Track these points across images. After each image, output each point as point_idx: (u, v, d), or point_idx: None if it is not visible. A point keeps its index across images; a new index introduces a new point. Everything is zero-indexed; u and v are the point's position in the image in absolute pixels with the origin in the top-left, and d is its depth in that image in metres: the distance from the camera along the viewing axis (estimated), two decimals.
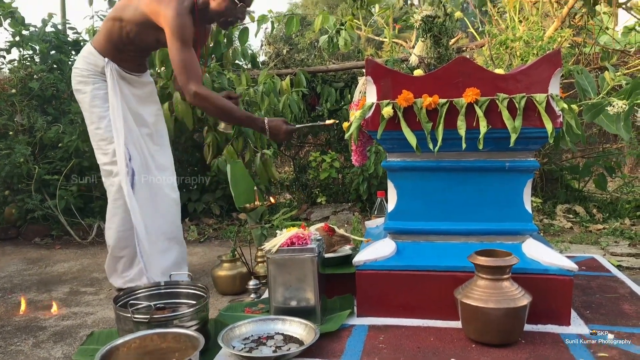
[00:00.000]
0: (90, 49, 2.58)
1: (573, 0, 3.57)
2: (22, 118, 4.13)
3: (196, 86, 2.35)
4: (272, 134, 2.45)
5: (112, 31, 2.51)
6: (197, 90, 2.35)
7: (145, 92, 2.74)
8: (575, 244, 3.40)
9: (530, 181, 2.04)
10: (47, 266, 3.37)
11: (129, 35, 2.50)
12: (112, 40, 2.53)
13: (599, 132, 4.63)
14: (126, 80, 2.61)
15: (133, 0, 2.50)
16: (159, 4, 2.38)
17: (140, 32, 2.49)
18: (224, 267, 2.68)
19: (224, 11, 2.47)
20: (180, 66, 2.35)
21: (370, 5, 4.76)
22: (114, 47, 2.54)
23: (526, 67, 1.93)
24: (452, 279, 1.94)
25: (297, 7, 30.73)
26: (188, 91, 2.36)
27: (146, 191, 2.62)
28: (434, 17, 2.16)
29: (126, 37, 2.51)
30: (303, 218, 4.49)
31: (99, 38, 2.57)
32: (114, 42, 2.53)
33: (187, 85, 2.35)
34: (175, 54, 2.35)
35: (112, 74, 2.53)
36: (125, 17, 2.48)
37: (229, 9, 2.47)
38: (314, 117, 5.00)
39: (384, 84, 1.98)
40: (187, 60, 2.35)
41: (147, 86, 2.75)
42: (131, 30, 2.49)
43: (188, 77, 2.35)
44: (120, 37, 2.52)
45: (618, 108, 2.43)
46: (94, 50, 2.56)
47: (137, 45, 2.56)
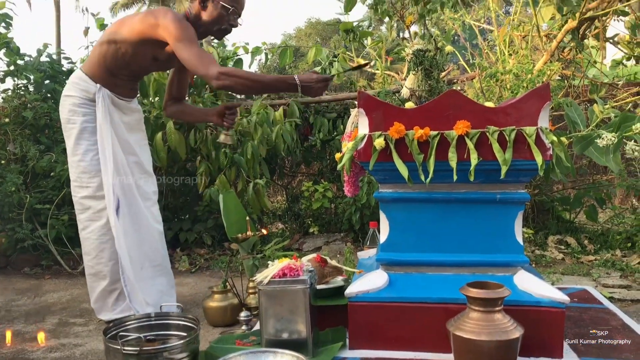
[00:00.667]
0: (80, 75, 2.55)
1: (562, 34, 3.64)
2: (14, 147, 4.13)
3: (218, 67, 2.28)
4: (304, 88, 2.34)
5: (107, 55, 2.50)
6: (221, 70, 2.27)
7: (134, 119, 2.73)
8: (567, 275, 3.40)
9: (521, 213, 2.05)
10: (36, 296, 3.34)
11: (125, 57, 2.49)
12: (106, 65, 2.52)
13: (589, 164, 4.68)
14: (117, 106, 2.60)
15: (125, 21, 2.51)
16: (156, 17, 2.39)
17: (136, 52, 2.48)
18: (215, 298, 2.66)
19: (217, 19, 2.48)
20: (194, 60, 2.30)
21: (363, 38, 4.83)
22: (107, 72, 2.53)
23: (516, 101, 1.96)
24: (445, 311, 1.94)
25: (291, 38, 31.13)
26: (211, 76, 2.27)
27: (130, 220, 2.60)
28: (425, 51, 2.20)
29: (121, 59, 2.50)
30: (295, 248, 4.47)
31: (90, 63, 2.55)
32: (107, 66, 2.52)
33: (209, 71, 2.27)
34: (185, 53, 2.31)
35: (103, 101, 2.51)
36: (119, 38, 2.47)
37: (222, 17, 2.48)
38: (306, 147, 5.02)
39: (375, 116, 2.00)
40: (198, 52, 2.32)
41: (136, 113, 2.75)
42: (127, 52, 2.48)
43: (206, 64, 2.29)
44: (115, 60, 2.51)
45: (607, 140, 2.46)
46: (84, 76, 2.54)
47: (132, 68, 2.56)
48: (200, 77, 2.36)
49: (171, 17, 2.37)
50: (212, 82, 2.29)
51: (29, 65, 4.31)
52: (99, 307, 2.63)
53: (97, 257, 2.57)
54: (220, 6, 2.46)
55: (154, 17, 2.40)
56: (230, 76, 2.28)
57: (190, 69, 2.37)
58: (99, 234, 2.54)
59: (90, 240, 2.57)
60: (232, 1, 2.48)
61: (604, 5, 3.53)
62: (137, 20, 2.45)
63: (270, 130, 4.26)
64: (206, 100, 4.21)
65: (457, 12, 4.10)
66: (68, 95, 2.57)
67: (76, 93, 2.54)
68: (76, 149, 2.54)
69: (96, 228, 2.55)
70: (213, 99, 4.31)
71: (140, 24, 2.43)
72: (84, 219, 2.58)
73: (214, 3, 2.46)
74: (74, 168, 2.57)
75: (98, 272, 2.58)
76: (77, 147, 2.54)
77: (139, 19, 2.44)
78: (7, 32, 4.26)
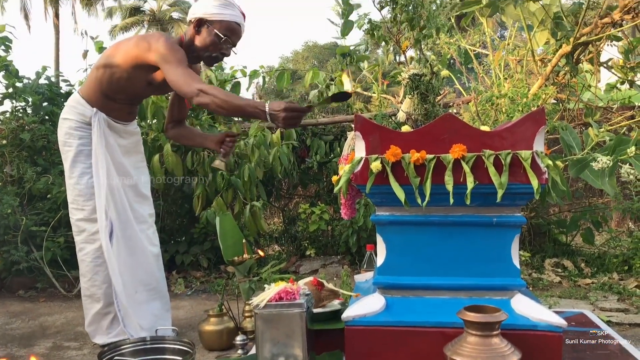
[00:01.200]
0: (78, 99, 2.57)
1: (556, 58, 3.68)
2: (11, 169, 4.13)
3: (199, 84, 2.25)
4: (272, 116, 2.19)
5: (102, 79, 2.51)
6: (200, 87, 2.23)
7: (132, 141, 2.73)
8: (564, 299, 3.39)
9: (518, 236, 2.05)
10: (30, 320, 3.31)
11: (120, 81, 2.50)
12: (102, 89, 2.53)
13: (585, 187, 4.70)
14: (114, 129, 2.60)
15: (121, 45, 2.52)
16: (149, 42, 2.40)
17: (130, 76, 2.49)
18: (210, 322, 2.65)
19: (209, 45, 2.48)
20: (179, 80, 2.28)
21: (359, 61, 4.88)
22: (103, 96, 2.54)
23: (511, 125, 1.97)
24: (442, 335, 1.92)
25: (288, 61, 31.37)
26: (193, 91, 2.23)
27: (124, 243, 2.59)
28: (421, 75, 2.22)
29: (117, 84, 2.51)
30: (292, 271, 4.46)
31: (87, 87, 2.57)
32: (103, 90, 2.53)
33: (190, 88, 2.24)
34: (172, 74, 2.30)
35: (99, 125, 2.52)
36: (115, 62, 2.48)
37: (214, 44, 2.47)
38: (303, 170, 5.04)
39: (372, 139, 2.01)
40: (182, 72, 2.29)
41: (134, 136, 2.75)
42: (122, 76, 2.48)
43: (189, 83, 2.26)
44: (110, 84, 2.51)
45: (603, 164, 2.47)
46: (81, 99, 2.55)
47: (127, 92, 2.57)
48: (184, 95, 2.32)
49: (163, 41, 2.38)
50: (193, 99, 2.26)
51: (27, 87, 4.33)
52: (93, 330, 2.61)
53: (91, 280, 2.57)
54: (213, 33, 2.45)
55: (147, 41, 2.41)
56: (207, 94, 2.22)
57: (175, 89, 2.34)
58: (94, 256, 2.54)
59: (86, 263, 2.57)
60: (226, 30, 2.47)
61: (597, 31, 3.57)
62: (131, 44, 2.46)
63: (268, 152, 4.28)
64: (204, 122, 4.23)
65: (453, 36, 4.15)
66: (65, 118, 2.58)
67: (73, 116, 2.55)
68: (72, 171, 2.55)
69: (91, 251, 2.55)
70: (210, 121, 4.33)
71: (135, 48, 2.44)
72: (79, 241, 2.59)
73: (208, 29, 2.46)
74: (71, 190, 2.58)
75: (92, 295, 2.58)
76: (73, 169, 2.55)
77: (133, 44, 2.46)
78: (7, 55, 4.28)
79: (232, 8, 2.48)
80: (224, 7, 2.45)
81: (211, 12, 2.44)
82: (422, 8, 3.43)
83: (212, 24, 2.45)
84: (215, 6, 2.44)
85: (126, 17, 30.39)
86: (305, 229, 4.79)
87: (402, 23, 3.47)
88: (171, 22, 30.54)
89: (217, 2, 2.45)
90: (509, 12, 3.79)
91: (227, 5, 2.47)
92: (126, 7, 30.45)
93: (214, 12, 2.44)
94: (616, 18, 3.47)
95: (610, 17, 3.50)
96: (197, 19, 2.46)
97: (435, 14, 3.47)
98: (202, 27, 2.47)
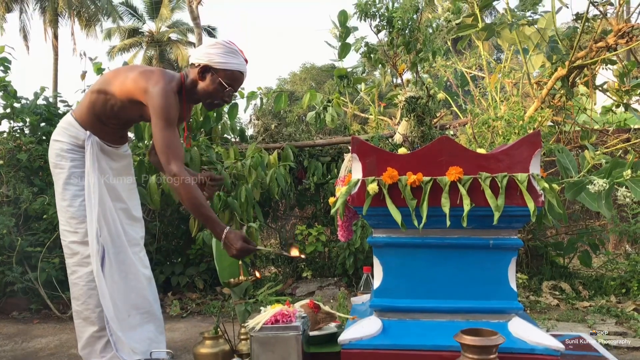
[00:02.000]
0: (71, 120, 2.54)
1: (552, 81, 3.71)
2: (8, 189, 4.12)
3: (177, 168, 2.28)
4: (226, 245, 2.29)
5: (96, 104, 2.49)
6: (177, 171, 2.27)
7: (123, 164, 2.71)
8: (562, 322, 3.38)
9: (515, 259, 2.05)
10: (24, 342, 3.27)
11: (113, 108, 2.48)
12: (95, 113, 2.51)
13: (582, 209, 4.70)
14: (106, 153, 2.58)
15: (119, 74, 2.49)
16: (147, 82, 2.37)
17: (124, 107, 2.47)
18: (206, 344, 2.61)
19: (211, 93, 2.46)
20: (163, 146, 2.31)
21: (357, 83, 4.91)
22: (97, 120, 2.52)
23: (507, 148, 1.98)
24: (439, 358, 1.91)
25: (286, 82, 31.54)
26: (169, 171, 2.29)
27: (117, 267, 2.55)
28: (418, 98, 2.24)
29: (110, 111, 2.49)
30: (288, 293, 4.43)
31: (81, 109, 2.54)
32: (97, 115, 2.51)
33: (169, 166, 2.29)
34: (159, 134, 2.31)
35: (92, 149, 2.50)
36: (110, 90, 2.46)
37: (217, 92, 2.46)
38: (300, 191, 5.04)
39: (369, 161, 2.01)
40: (170, 140, 2.31)
41: (125, 158, 2.73)
42: (115, 104, 2.47)
43: (170, 158, 2.29)
44: (104, 110, 2.49)
45: (599, 186, 2.48)
46: (75, 122, 2.52)
47: (120, 119, 2.55)
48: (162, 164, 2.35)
49: (160, 90, 2.34)
50: (167, 176, 2.32)
51: (25, 108, 4.34)
52: (87, 353, 2.57)
53: (85, 303, 2.53)
54: (218, 82, 2.43)
55: (146, 82, 2.37)
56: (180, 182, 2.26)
57: (157, 150, 2.35)
58: (87, 279, 2.51)
59: (79, 286, 2.53)
60: (231, 80, 2.45)
61: (592, 54, 3.61)
62: (130, 79, 2.42)
63: (265, 173, 4.28)
64: (201, 143, 4.24)
65: (449, 59, 4.18)
66: (57, 140, 2.54)
67: (65, 139, 2.52)
68: (64, 194, 2.51)
69: (84, 274, 2.51)
70: (208, 142, 4.34)
71: (132, 84, 2.41)
72: (72, 264, 2.55)
73: (213, 77, 2.43)
74: (63, 212, 2.54)
75: (86, 318, 2.54)
76: (65, 192, 2.51)
77: (132, 79, 2.42)
78: (5, 76, 4.30)
79: (237, 57, 2.46)
80: (229, 56, 2.43)
81: (217, 60, 2.41)
82: (419, 32, 3.47)
83: (217, 72, 2.42)
84: (221, 54, 2.42)
85: (125, 38, 30.58)
86: (302, 251, 4.77)
87: (398, 46, 3.51)
88: (169, 43, 30.73)
89: (223, 50, 2.42)
90: (505, 35, 3.84)
91: (232, 54, 2.44)
92: (125, 29, 30.65)
93: (220, 60, 2.41)
94: (611, 42, 3.52)
95: (605, 41, 3.54)
96: (202, 65, 2.43)
97: (431, 38, 3.51)
98: (206, 73, 2.44)
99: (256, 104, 5.01)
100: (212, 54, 2.42)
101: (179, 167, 2.29)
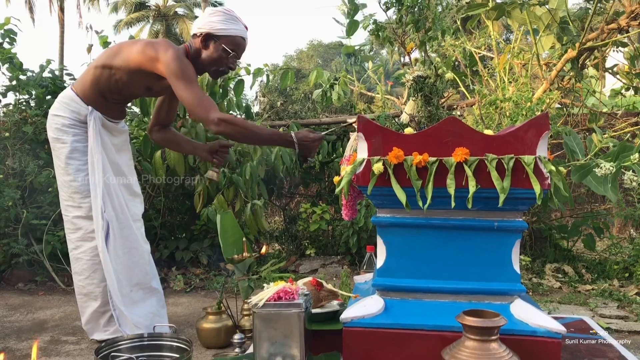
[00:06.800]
0: (72, 96, 2.52)
1: (561, 63, 3.67)
2: (13, 162, 4.13)
3: (218, 114, 2.29)
4: (302, 146, 2.42)
5: (100, 79, 2.48)
6: (221, 116, 2.29)
7: (122, 140, 2.71)
8: (564, 304, 3.38)
9: (519, 241, 2.04)
10: (29, 313, 3.31)
11: (118, 83, 2.48)
12: (98, 88, 2.49)
13: (588, 192, 4.68)
14: (107, 128, 2.58)
15: (123, 47, 2.48)
16: (156, 51, 2.37)
17: (130, 80, 2.47)
18: (209, 320, 2.64)
19: (216, 60, 2.48)
20: (194, 102, 2.31)
21: (364, 61, 4.87)
22: (100, 95, 2.51)
23: (515, 129, 1.96)
24: (440, 338, 1.92)
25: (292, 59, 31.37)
26: (212, 121, 2.28)
27: (121, 243, 2.56)
28: (425, 77, 2.22)
29: (114, 85, 2.49)
30: (291, 270, 4.45)
31: (83, 85, 2.52)
32: (100, 90, 2.50)
33: (209, 116, 2.29)
34: (185, 93, 2.32)
35: (95, 124, 2.49)
36: (115, 64, 2.45)
37: (221, 58, 2.48)
38: (305, 169, 5.03)
39: (375, 140, 2.00)
40: (198, 95, 2.32)
41: (124, 134, 2.73)
42: (121, 78, 2.46)
43: (206, 109, 2.30)
44: (108, 85, 2.49)
45: (605, 170, 2.46)
46: (76, 97, 2.51)
47: (123, 93, 2.55)
48: (199, 120, 2.37)
49: (172, 54, 2.35)
50: (212, 127, 2.31)
51: (31, 80, 4.32)
52: (91, 328, 2.60)
53: (89, 278, 2.54)
54: (221, 48, 2.46)
55: (155, 50, 2.37)
56: (229, 124, 2.31)
57: (189, 109, 2.35)
58: (92, 254, 2.52)
59: (83, 261, 2.54)
60: (234, 45, 2.48)
61: (603, 36, 3.56)
62: (135, 50, 2.42)
63: (270, 151, 4.27)
64: None
65: (458, 39, 4.13)
66: (57, 114, 2.53)
67: (66, 114, 2.51)
68: (67, 168, 2.51)
69: (89, 249, 2.52)
70: None
71: (140, 55, 2.40)
72: (75, 239, 2.55)
73: (216, 44, 2.46)
74: (66, 187, 2.54)
75: (89, 293, 2.56)
76: (68, 166, 2.51)
77: (137, 50, 2.41)
78: (11, 48, 4.28)
79: (237, 23, 2.49)
80: (230, 23, 2.46)
81: (218, 27, 2.44)
82: (428, 10, 3.42)
83: (220, 39, 2.45)
84: (221, 21, 2.45)
85: (131, 12, 30.38)
86: (305, 229, 4.79)
87: (407, 25, 3.47)
88: (176, 17, 30.51)
89: (223, 17, 2.46)
90: (515, 15, 3.78)
91: (232, 20, 2.47)
92: (131, 2, 30.42)
93: (221, 27, 2.44)
94: (622, 24, 3.46)
95: (617, 23, 3.49)
96: (204, 33, 2.45)
97: (440, 16, 3.47)
98: (209, 41, 2.47)
99: (262, 80, 4.97)
100: (213, 21, 2.45)
101: (218, 112, 2.31)
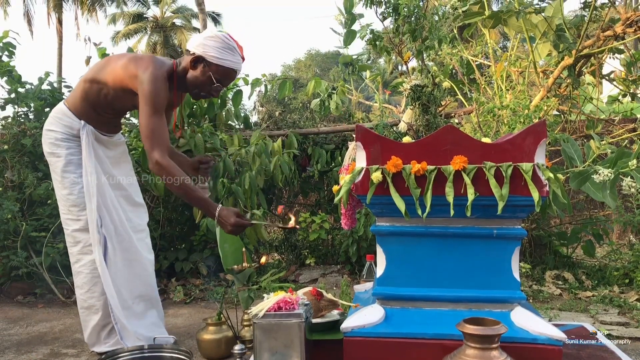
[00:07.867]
0: (64, 110, 2.51)
1: (558, 70, 3.68)
2: (12, 174, 4.13)
3: (159, 155, 2.27)
4: (220, 222, 2.32)
5: (89, 93, 2.47)
6: (160, 159, 2.26)
7: (118, 152, 2.71)
8: (564, 312, 3.38)
9: (518, 249, 2.04)
10: (28, 326, 3.30)
11: (107, 97, 2.46)
12: (89, 102, 2.49)
13: (586, 199, 4.68)
14: (101, 142, 2.57)
15: (110, 62, 2.46)
16: (137, 67, 2.33)
17: (117, 95, 2.45)
18: (209, 330, 2.63)
19: (200, 84, 2.43)
20: (148, 132, 2.29)
21: (362, 71, 4.88)
22: (92, 109, 2.50)
23: (513, 137, 1.97)
24: (441, 347, 1.91)
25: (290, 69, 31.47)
26: (151, 159, 2.28)
27: (121, 255, 2.56)
28: (423, 86, 2.23)
29: (104, 100, 2.47)
30: (291, 280, 4.44)
31: (74, 99, 2.51)
32: (91, 104, 2.49)
33: (151, 153, 2.28)
34: (144, 120, 2.29)
35: (87, 138, 2.48)
36: (102, 79, 2.44)
37: (205, 84, 2.42)
38: (304, 178, 5.03)
39: (373, 149, 2.01)
40: (155, 127, 2.29)
41: (120, 146, 2.72)
42: (108, 94, 2.45)
43: (153, 145, 2.28)
44: (98, 99, 2.48)
45: (604, 176, 2.47)
46: (68, 111, 2.51)
47: (114, 108, 2.54)
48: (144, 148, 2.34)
49: (149, 75, 2.30)
50: (149, 164, 2.31)
51: (29, 93, 4.34)
52: (93, 340, 2.59)
53: (89, 291, 2.53)
54: (208, 75, 2.39)
55: (135, 67, 2.34)
56: (163, 170, 2.27)
57: (142, 137, 2.33)
58: (91, 267, 2.51)
59: (83, 274, 2.54)
60: (221, 76, 2.42)
61: (599, 43, 3.58)
62: (120, 66, 2.40)
63: (269, 160, 4.28)
64: (205, 130, 4.24)
65: (455, 47, 4.15)
66: (50, 129, 2.53)
67: (59, 128, 2.51)
68: (63, 182, 2.51)
69: (88, 262, 2.52)
70: (212, 129, 4.34)
71: (122, 71, 2.38)
72: (75, 252, 2.55)
73: (204, 69, 2.40)
74: (64, 201, 2.53)
75: (91, 306, 2.55)
76: (64, 180, 2.51)
77: (121, 65, 2.39)
78: (10, 61, 4.30)
79: (233, 54, 2.41)
80: (225, 52, 2.38)
81: (211, 54, 2.37)
82: (425, 19, 3.44)
83: (210, 65, 2.39)
84: (216, 49, 2.37)
85: (129, 23, 30.50)
86: (305, 238, 4.78)
87: (404, 34, 3.48)
88: (174, 28, 30.62)
89: (219, 45, 2.38)
90: (512, 23, 3.80)
91: (229, 50, 2.40)
92: (129, 14, 30.54)
93: (214, 54, 2.37)
94: (618, 31, 3.48)
95: (613, 30, 3.51)
96: (196, 55, 2.39)
97: (437, 25, 3.48)
98: (198, 64, 2.40)
99: (260, 90, 4.99)
100: (208, 46, 2.37)
101: (161, 155, 2.27)
